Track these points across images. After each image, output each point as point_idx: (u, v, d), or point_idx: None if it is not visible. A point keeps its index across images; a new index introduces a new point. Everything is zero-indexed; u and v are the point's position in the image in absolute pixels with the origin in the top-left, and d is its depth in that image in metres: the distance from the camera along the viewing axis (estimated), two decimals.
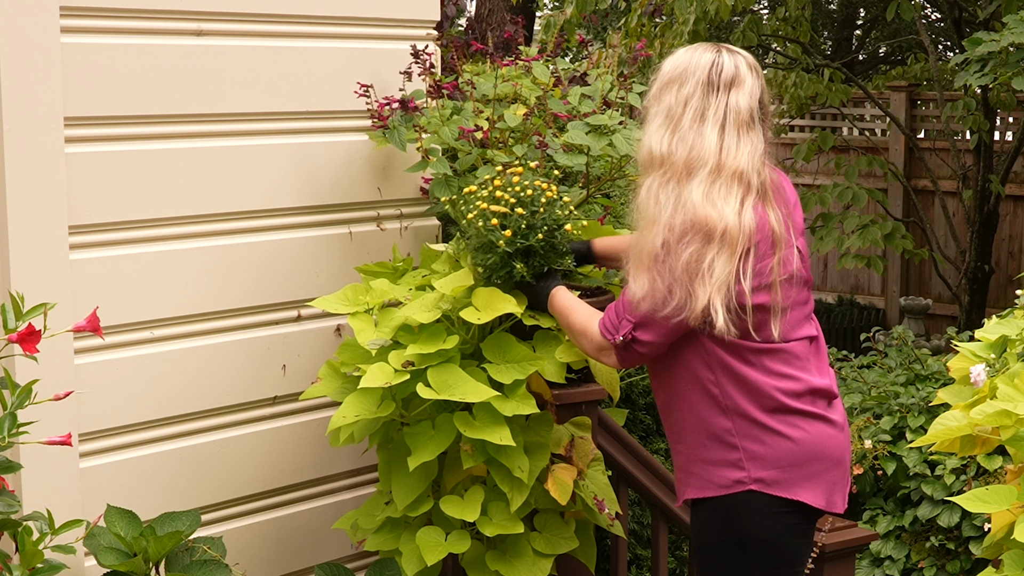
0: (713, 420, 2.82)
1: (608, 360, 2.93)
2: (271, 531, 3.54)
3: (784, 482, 2.80)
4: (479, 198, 3.13)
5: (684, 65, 2.84)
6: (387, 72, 3.60)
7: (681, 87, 2.82)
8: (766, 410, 2.79)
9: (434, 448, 3.09)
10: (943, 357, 5.92)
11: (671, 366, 2.86)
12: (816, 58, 9.38)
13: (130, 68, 3.15)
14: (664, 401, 2.92)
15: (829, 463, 2.85)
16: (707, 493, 2.85)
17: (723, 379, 2.79)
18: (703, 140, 2.78)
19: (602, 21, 12.23)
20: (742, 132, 2.79)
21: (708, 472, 2.84)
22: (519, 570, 3.19)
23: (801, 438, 2.81)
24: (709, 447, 2.83)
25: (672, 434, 2.93)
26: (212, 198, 3.34)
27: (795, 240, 2.85)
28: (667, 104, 2.83)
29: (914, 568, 5.28)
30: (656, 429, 4.63)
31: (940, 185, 8.89)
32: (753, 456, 2.80)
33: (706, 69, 2.81)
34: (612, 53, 3.70)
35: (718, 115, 2.79)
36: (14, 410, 2.54)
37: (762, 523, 2.81)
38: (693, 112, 2.80)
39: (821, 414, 2.85)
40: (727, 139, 2.78)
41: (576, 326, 2.99)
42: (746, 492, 2.80)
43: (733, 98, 2.80)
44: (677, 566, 4.49)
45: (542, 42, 8.72)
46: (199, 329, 3.35)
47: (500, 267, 3.10)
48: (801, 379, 2.83)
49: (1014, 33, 5.76)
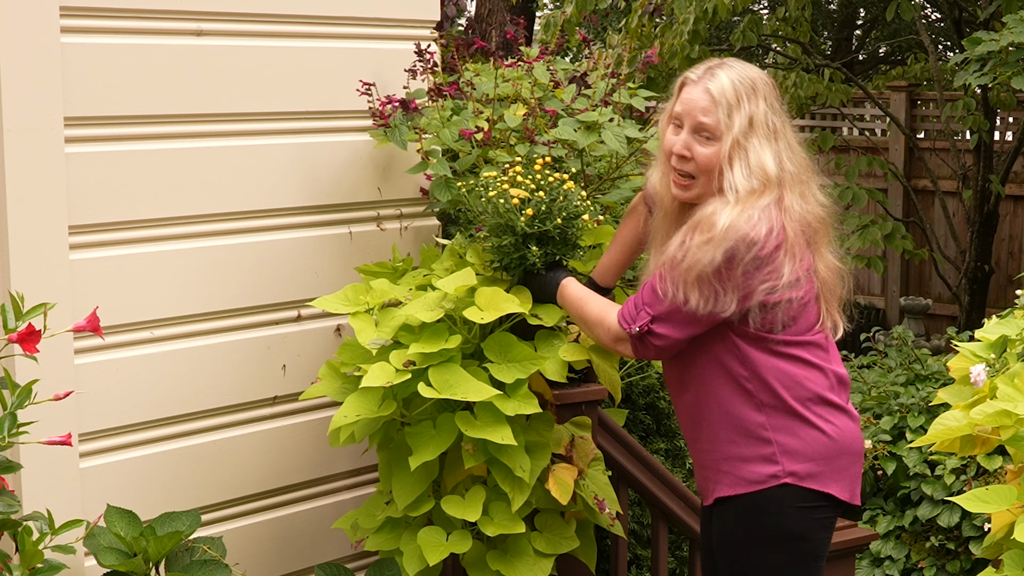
0: (746, 416, 2.83)
1: (624, 350, 2.93)
2: (271, 531, 3.54)
3: (817, 475, 2.83)
4: (500, 180, 3.14)
5: (750, 81, 2.84)
6: (387, 72, 3.60)
7: (765, 102, 2.85)
8: (801, 401, 2.82)
9: (435, 448, 3.09)
10: (943, 357, 5.92)
11: (701, 364, 2.87)
12: (816, 58, 9.38)
13: (130, 68, 3.15)
14: (691, 400, 2.92)
15: (853, 457, 2.90)
16: (740, 490, 2.86)
17: (758, 374, 2.82)
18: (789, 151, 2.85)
19: (602, 21, 12.23)
20: (770, 138, 2.85)
21: (739, 469, 2.85)
22: (520, 570, 3.19)
23: (832, 432, 2.85)
24: (740, 443, 2.85)
25: (698, 432, 2.93)
26: (212, 198, 3.34)
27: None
28: (765, 119, 2.84)
29: (914, 568, 5.28)
30: (656, 429, 4.63)
31: (940, 185, 8.89)
32: (787, 450, 2.82)
33: (765, 85, 2.87)
34: (612, 53, 3.69)
35: (784, 127, 2.88)
36: (14, 410, 2.54)
37: (794, 517, 2.84)
38: (777, 126, 2.86)
39: (845, 407, 2.90)
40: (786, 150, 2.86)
41: (592, 315, 2.99)
42: (780, 486, 2.82)
43: (761, 106, 2.84)
44: (677, 566, 4.48)
45: (543, 42, 8.72)
46: (199, 329, 3.35)
47: (514, 250, 3.10)
48: (827, 369, 2.87)
49: (1014, 33, 5.76)
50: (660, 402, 4.60)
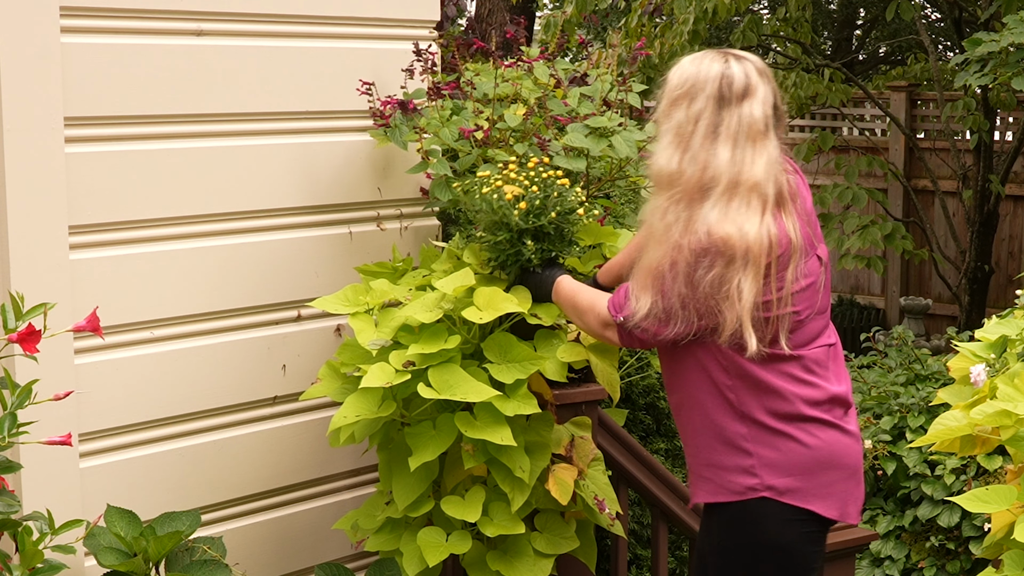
0: (727, 425, 2.78)
1: (612, 337, 2.89)
2: (271, 531, 3.54)
3: (797, 491, 2.76)
4: (494, 178, 3.14)
5: (692, 79, 2.74)
6: (388, 72, 3.60)
7: (691, 103, 2.72)
8: (783, 417, 2.75)
9: (435, 448, 3.09)
10: (943, 357, 5.92)
11: (686, 369, 2.83)
12: (816, 58, 9.38)
13: (130, 68, 3.15)
14: (677, 402, 2.90)
15: (844, 473, 2.81)
16: (718, 498, 2.81)
17: (741, 384, 2.75)
18: (716, 157, 2.69)
19: (602, 21, 12.23)
20: (758, 143, 2.71)
21: (720, 477, 2.81)
22: (520, 570, 3.19)
23: (815, 445, 2.77)
24: (721, 452, 2.80)
25: (684, 435, 2.91)
26: (212, 198, 3.34)
27: (817, 246, 2.81)
28: (677, 121, 2.73)
29: (914, 568, 5.28)
30: (656, 429, 4.63)
31: (940, 185, 8.89)
32: (767, 463, 2.76)
33: (716, 83, 2.71)
34: (612, 53, 3.69)
35: (730, 130, 2.69)
36: (14, 410, 2.54)
37: (776, 531, 2.78)
38: (704, 128, 2.70)
39: (836, 423, 2.81)
40: (741, 153, 2.69)
41: (584, 303, 2.96)
42: (759, 500, 2.76)
43: (747, 109, 2.70)
44: (677, 566, 4.48)
45: (543, 42, 8.72)
46: (199, 329, 3.35)
47: (509, 247, 3.10)
48: (821, 387, 2.79)
49: (1014, 33, 5.76)
50: (660, 402, 4.59)
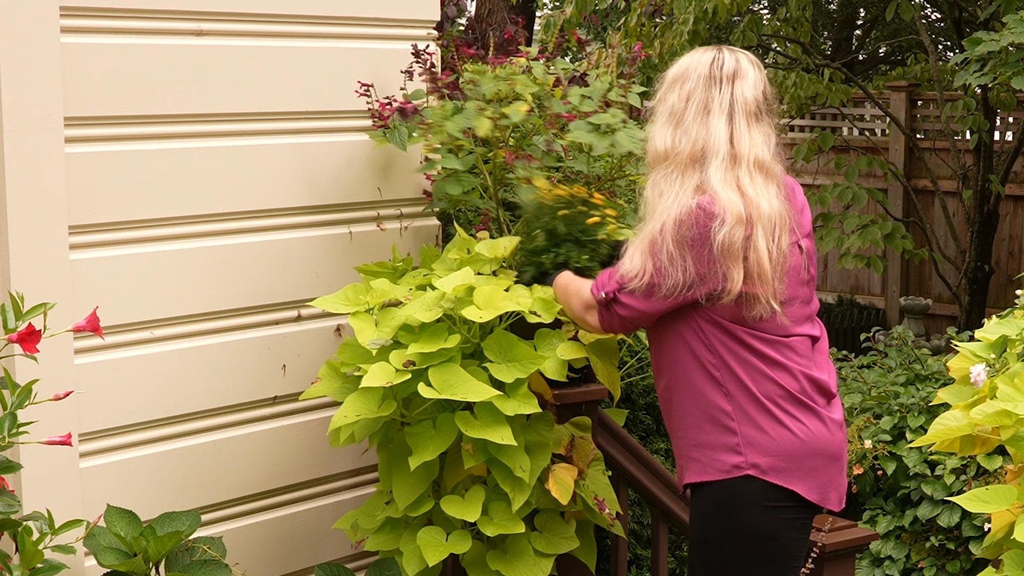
0: (714, 400, 2.84)
1: (592, 319, 2.98)
2: (271, 531, 3.54)
3: (782, 471, 2.82)
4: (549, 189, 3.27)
5: (685, 66, 2.88)
6: (387, 72, 3.60)
7: (683, 85, 2.85)
8: (765, 397, 2.82)
9: (435, 448, 3.09)
10: (943, 357, 5.92)
11: (673, 348, 2.89)
12: (816, 58, 9.38)
13: (130, 68, 3.15)
14: (665, 385, 2.95)
15: (825, 460, 2.87)
16: (705, 477, 2.86)
17: (724, 362, 2.82)
18: (708, 130, 2.80)
19: (602, 21, 12.23)
20: (751, 122, 2.83)
21: (707, 456, 2.86)
22: (520, 570, 3.19)
23: (799, 431, 2.84)
24: (708, 430, 2.86)
25: (672, 420, 2.96)
26: (212, 198, 3.34)
27: (800, 238, 2.88)
28: (670, 103, 2.87)
29: (914, 568, 5.28)
30: (656, 429, 4.63)
31: (940, 185, 8.89)
32: (751, 442, 2.82)
33: (707, 65, 2.85)
34: (612, 53, 3.69)
35: (723, 105, 2.82)
36: (14, 410, 2.54)
37: (759, 516, 2.83)
38: (696, 106, 2.83)
39: (819, 410, 2.87)
40: (737, 128, 2.81)
41: (572, 288, 3.06)
42: (743, 478, 2.82)
43: (738, 88, 2.83)
44: (677, 566, 4.49)
45: (542, 42, 8.71)
46: (199, 329, 3.35)
47: (542, 252, 3.22)
48: (799, 374, 2.85)
49: (1014, 33, 5.76)
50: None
